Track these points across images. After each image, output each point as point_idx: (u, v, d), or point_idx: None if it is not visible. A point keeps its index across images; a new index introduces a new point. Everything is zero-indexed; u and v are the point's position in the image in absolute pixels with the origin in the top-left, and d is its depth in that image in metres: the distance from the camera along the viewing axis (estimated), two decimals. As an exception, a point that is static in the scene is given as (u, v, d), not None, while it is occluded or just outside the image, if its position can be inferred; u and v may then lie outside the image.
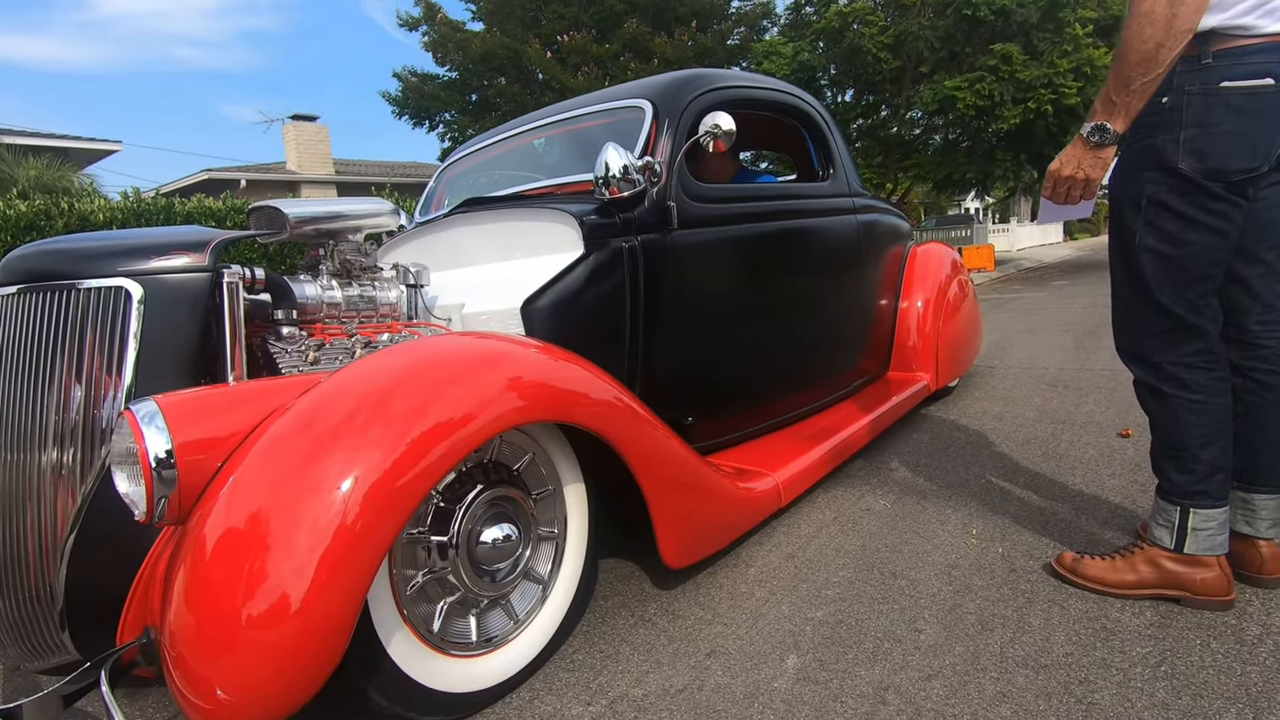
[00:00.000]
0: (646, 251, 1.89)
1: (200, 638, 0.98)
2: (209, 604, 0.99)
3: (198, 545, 1.02)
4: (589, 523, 1.55)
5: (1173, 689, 1.22)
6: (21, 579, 1.30)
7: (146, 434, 1.05)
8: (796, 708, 1.26)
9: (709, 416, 2.11)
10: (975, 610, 1.52)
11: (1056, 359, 4.23)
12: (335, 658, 1.03)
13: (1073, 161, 1.36)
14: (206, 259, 1.38)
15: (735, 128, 1.87)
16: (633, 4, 13.06)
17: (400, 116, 14.22)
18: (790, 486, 2.00)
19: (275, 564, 0.99)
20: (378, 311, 1.77)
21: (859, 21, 11.52)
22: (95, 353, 1.29)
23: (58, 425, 1.28)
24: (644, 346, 1.90)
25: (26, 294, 1.34)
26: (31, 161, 10.28)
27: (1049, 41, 10.61)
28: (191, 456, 1.07)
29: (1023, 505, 2.06)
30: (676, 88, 2.11)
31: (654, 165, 1.89)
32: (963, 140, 13.13)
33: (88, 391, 1.28)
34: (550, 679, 1.42)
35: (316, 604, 0.99)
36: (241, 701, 0.97)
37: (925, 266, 3.23)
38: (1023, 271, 13.20)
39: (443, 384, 1.19)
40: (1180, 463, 1.43)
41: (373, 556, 1.04)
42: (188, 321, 1.36)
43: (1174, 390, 1.42)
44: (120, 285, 1.31)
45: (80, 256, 1.35)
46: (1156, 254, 1.39)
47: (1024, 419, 2.97)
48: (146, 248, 1.36)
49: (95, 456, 1.25)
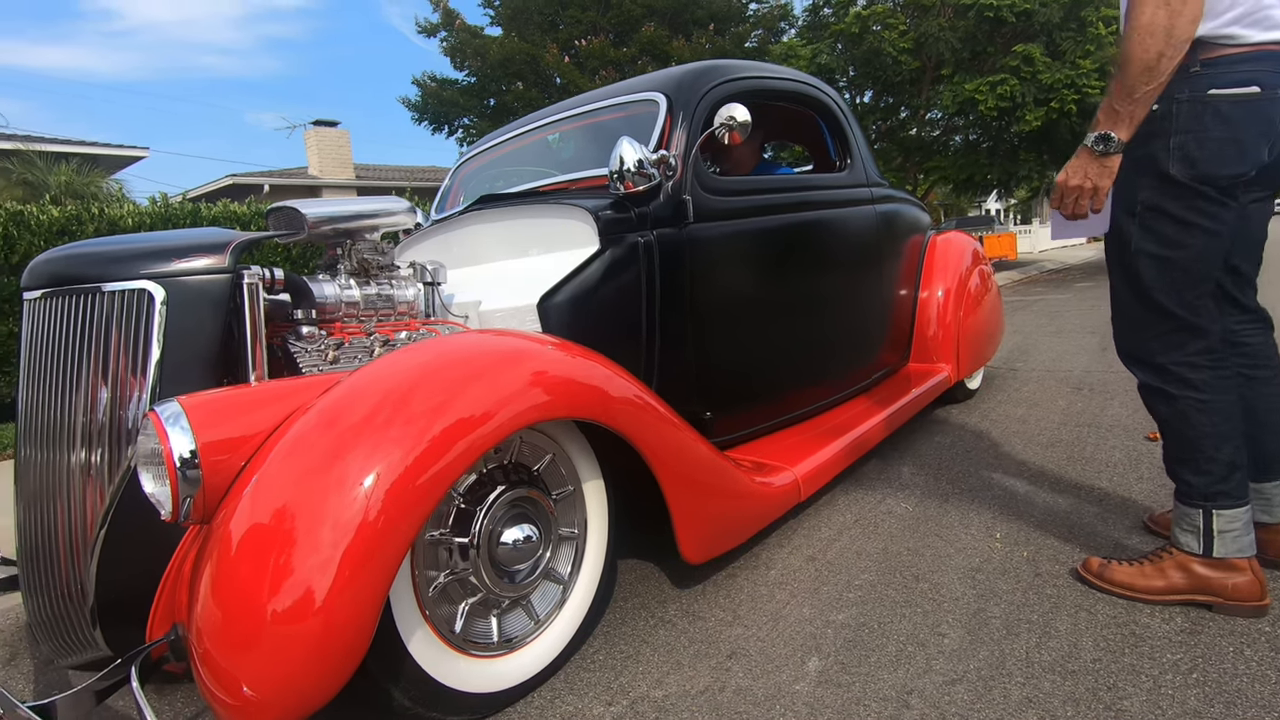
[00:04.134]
0: (662, 246, 1.89)
1: (226, 634, 1.00)
2: (234, 601, 1.00)
3: (223, 543, 1.04)
4: (608, 523, 1.55)
5: (1204, 696, 1.19)
6: (53, 576, 1.33)
7: (171, 435, 1.07)
8: (819, 710, 1.25)
9: (727, 411, 2.10)
10: (1000, 615, 1.50)
11: (1081, 361, 4.17)
12: (359, 654, 1.04)
13: (1079, 171, 1.37)
14: (227, 260, 1.40)
15: (751, 119, 1.86)
16: (650, 8, 13.09)
17: (419, 122, 14.35)
18: (810, 481, 1.99)
19: (299, 561, 1.00)
20: (395, 310, 1.78)
21: (879, 23, 11.44)
22: (120, 354, 1.32)
23: (86, 426, 1.30)
24: (661, 342, 1.90)
25: (52, 298, 1.37)
26: (62, 168, 10.54)
27: (1071, 41, 10.46)
28: (215, 457, 1.09)
29: (1048, 509, 2.03)
30: (691, 80, 2.11)
31: (669, 159, 1.89)
32: (983, 142, 12.98)
33: (114, 392, 1.30)
34: (571, 679, 1.42)
35: (340, 601, 1.00)
36: (267, 697, 0.98)
37: (946, 256, 3.19)
38: (1045, 273, 13.03)
39: (463, 381, 1.20)
40: (1196, 465, 1.42)
41: (395, 553, 1.05)
42: (209, 322, 1.38)
43: (1181, 391, 1.42)
44: (143, 288, 1.33)
45: (103, 260, 1.37)
46: (1154, 258, 1.40)
47: (1048, 422, 2.92)
48: (168, 250, 1.38)
49: (122, 456, 1.28)
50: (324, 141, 16.55)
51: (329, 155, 16.47)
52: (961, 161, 13.29)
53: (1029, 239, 22.04)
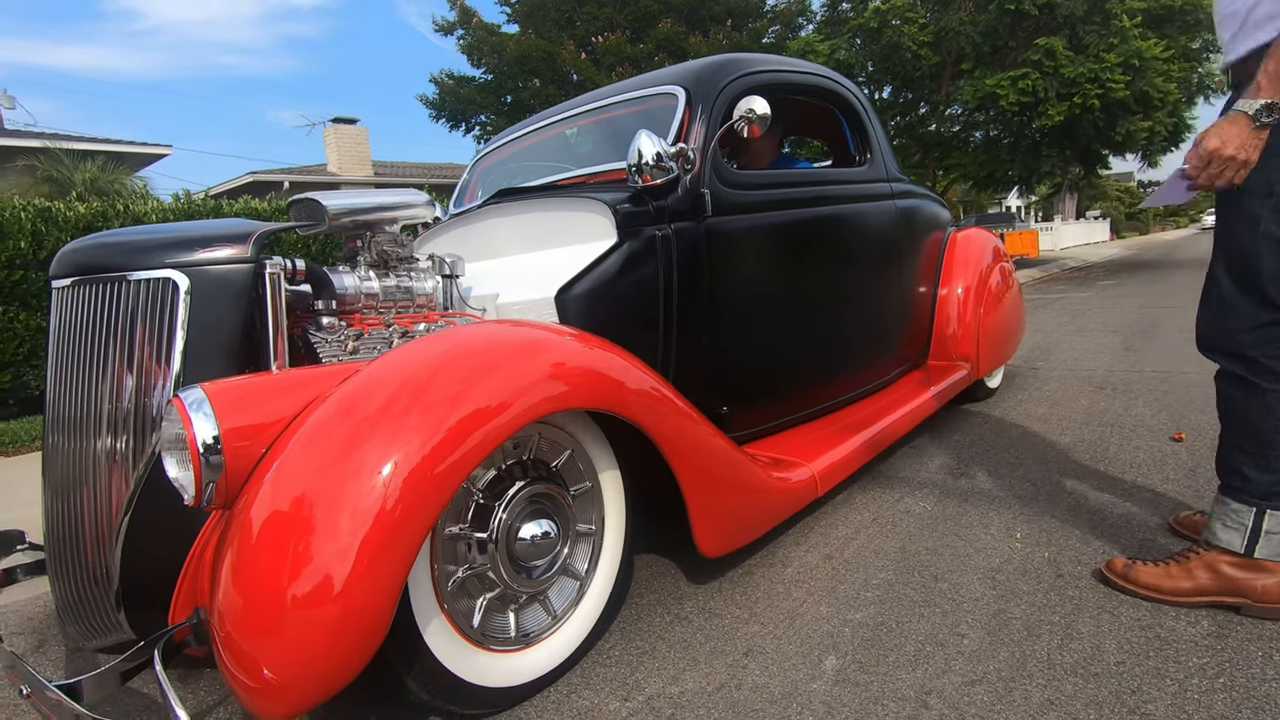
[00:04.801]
0: (680, 239, 1.88)
1: (248, 619, 1.01)
2: (256, 587, 1.02)
3: (245, 530, 1.05)
4: (626, 519, 1.55)
5: (1231, 701, 1.17)
6: (80, 561, 1.35)
7: (194, 420, 1.08)
8: (836, 709, 1.25)
9: (744, 406, 2.09)
10: (1020, 615, 1.48)
11: (1104, 360, 4.11)
12: (377, 639, 1.05)
13: (1235, 141, 1.27)
14: (249, 251, 1.42)
15: (770, 112, 1.85)
16: (667, 4, 13.06)
17: (437, 119, 14.44)
18: (827, 477, 1.98)
19: (319, 548, 1.01)
20: (414, 302, 1.80)
21: (898, 18, 11.31)
22: (145, 342, 1.34)
23: (111, 413, 1.33)
24: (678, 335, 1.89)
25: (79, 286, 1.40)
26: (87, 166, 10.71)
27: (1095, 34, 10.28)
28: (238, 443, 1.10)
29: (1069, 509, 2.00)
30: (710, 73, 2.10)
31: (687, 152, 1.88)
32: (1004, 137, 12.81)
33: (138, 380, 1.33)
34: (587, 674, 1.42)
35: (359, 587, 1.01)
36: (287, 680, 0.99)
37: (966, 253, 3.16)
38: (1067, 271, 12.84)
39: (481, 371, 1.20)
40: (1263, 460, 1.37)
41: (413, 540, 1.06)
42: (232, 311, 1.40)
43: (1271, 385, 1.36)
44: (168, 276, 1.36)
45: (129, 249, 1.40)
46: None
47: (1070, 421, 2.88)
48: (192, 240, 1.41)
49: (147, 443, 1.30)
50: (343, 139, 16.70)
51: (348, 152, 16.61)
52: (982, 158, 13.12)
53: (1050, 236, 21.71)
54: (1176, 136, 12.30)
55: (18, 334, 4.64)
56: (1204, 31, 11.32)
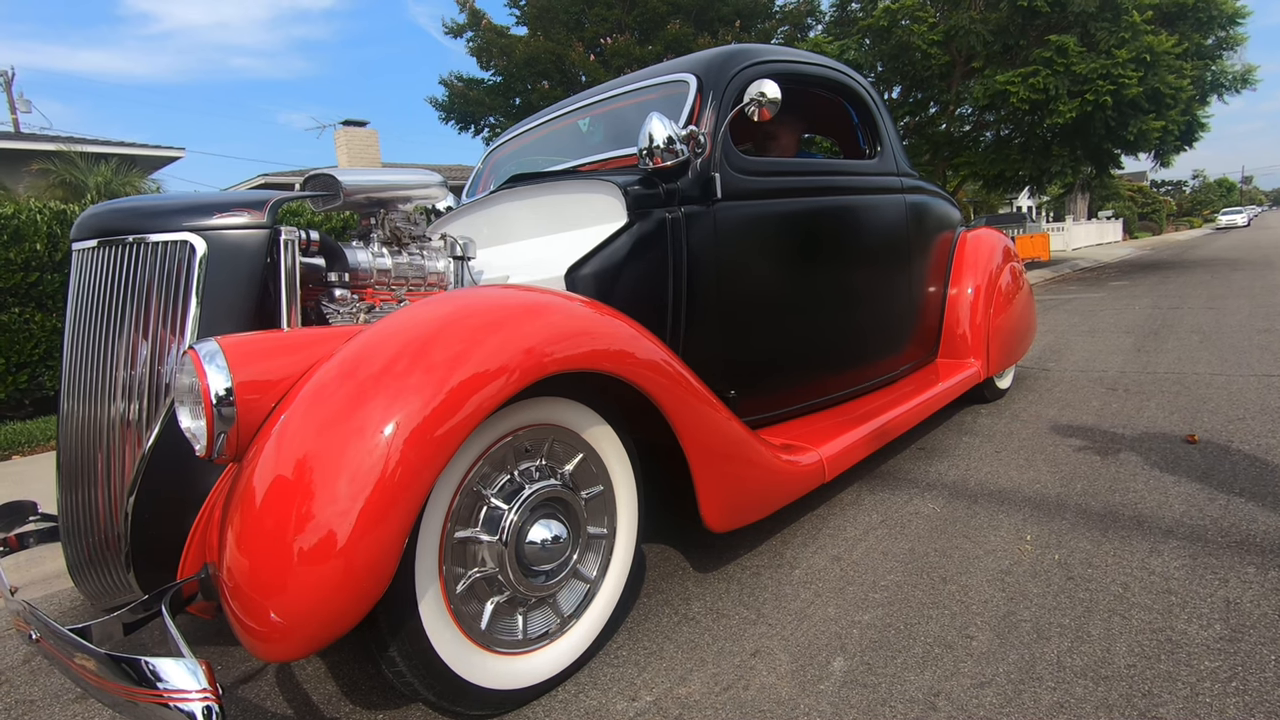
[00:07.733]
0: (690, 222, 1.89)
1: (254, 573, 1.04)
2: (262, 541, 1.04)
3: (251, 488, 1.08)
4: (637, 523, 1.55)
5: (1244, 706, 1.16)
6: (92, 523, 1.39)
7: (208, 372, 1.11)
8: (844, 710, 1.24)
9: (751, 391, 2.10)
10: (1030, 618, 1.47)
11: (1116, 362, 4.08)
12: (378, 591, 1.06)
13: None
14: (265, 217, 1.45)
15: (780, 95, 1.86)
16: (676, 5, 13.05)
17: (446, 121, 14.51)
18: (835, 463, 1.98)
19: (321, 505, 1.03)
20: (425, 280, 1.83)
21: (907, 17, 11.26)
22: (161, 304, 1.37)
23: (125, 380, 1.36)
24: (686, 317, 1.90)
25: (101, 248, 1.43)
26: (101, 168, 10.82)
27: (1106, 31, 10.19)
28: (249, 395, 1.12)
29: (1080, 511, 1.99)
30: (721, 61, 2.11)
31: (698, 135, 1.89)
32: (1015, 136, 12.72)
33: (153, 346, 1.36)
34: (595, 674, 1.42)
35: (359, 544, 1.03)
36: (291, 626, 1.02)
37: (976, 253, 3.15)
38: (1079, 271, 12.75)
39: (484, 330, 1.21)
40: None
41: (413, 499, 1.07)
42: (247, 276, 1.43)
43: None
44: (185, 239, 1.39)
45: (148, 213, 1.43)
46: None
47: (1081, 423, 2.86)
48: (210, 205, 1.44)
49: (159, 408, 1.33)
50: (353, 141, 16.77)
51: (358, 154, 16.69)
52: (992, 157, 13.03)
53: (1062, 236, 21.55)
54: (1190, 135, 12.17)
55: (33, 335, 4.70)
56: (1216, 29, 11.20)
